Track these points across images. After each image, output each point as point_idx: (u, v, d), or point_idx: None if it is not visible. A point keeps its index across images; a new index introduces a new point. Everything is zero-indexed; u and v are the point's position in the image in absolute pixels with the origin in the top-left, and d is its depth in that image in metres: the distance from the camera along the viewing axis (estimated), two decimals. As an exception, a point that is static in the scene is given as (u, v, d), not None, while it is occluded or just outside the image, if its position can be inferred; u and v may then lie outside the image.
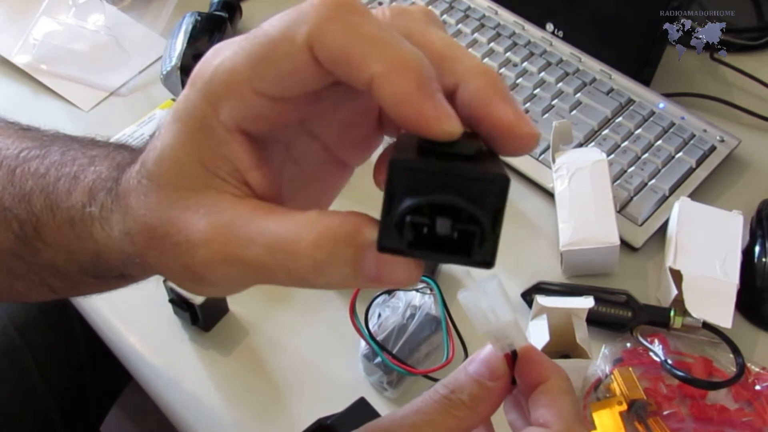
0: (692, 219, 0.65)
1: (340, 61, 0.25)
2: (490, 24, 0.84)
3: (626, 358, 0.59)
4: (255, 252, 0.26)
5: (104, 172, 0.34)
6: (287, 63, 0.26)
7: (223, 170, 0.28)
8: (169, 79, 0.76)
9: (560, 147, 0.70)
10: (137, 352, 0.61)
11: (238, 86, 0.27)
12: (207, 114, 0.28)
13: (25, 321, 0.73)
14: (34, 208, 0.37)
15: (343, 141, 0.33)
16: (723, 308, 0.59)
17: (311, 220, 0.26)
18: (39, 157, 0.38)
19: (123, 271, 0.35)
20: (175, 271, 0.29)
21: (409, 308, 0.57)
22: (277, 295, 0.64)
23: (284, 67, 0.26)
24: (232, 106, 0.27)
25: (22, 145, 0.40)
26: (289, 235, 0.26)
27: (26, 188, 0.37)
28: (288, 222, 0.26)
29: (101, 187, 0.34)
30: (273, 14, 0.27)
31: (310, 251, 0.25)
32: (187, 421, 0.57)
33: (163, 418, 0.59)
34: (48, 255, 0.37)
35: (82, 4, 0.86)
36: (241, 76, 0.27)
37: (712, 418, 0.57)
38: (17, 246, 0.38)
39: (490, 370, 0.34)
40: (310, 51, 0.25)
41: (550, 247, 0.68)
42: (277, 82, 0.26)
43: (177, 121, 0.29)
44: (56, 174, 0.36)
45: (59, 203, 0.35)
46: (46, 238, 0.36)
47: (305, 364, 0.60)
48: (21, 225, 0.37)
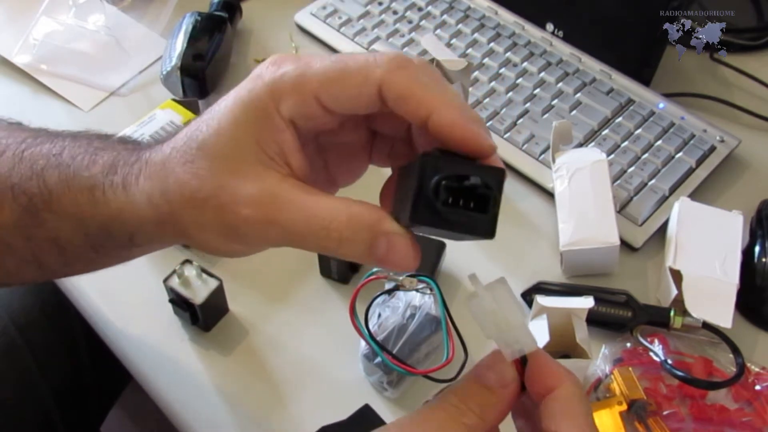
0: (692, 219, 0.65)
1: (403, 99, 0.34)
2: (490, 24, 0.84)
3: (626, 358, 0.59)
4: (295, 219, 0.34)
5: (123, 152, 0.40)
6: (355, 90, 0.34)
7: (272, 151, 0.35)
8: (169, 79, 0.76)
9: (560, 147, 0.70)
10: (137, 352, 0.61)
11: (305, 91, 0.34)
12: (269, 105, 0.35)
13: (26, 321, 0.73)
14: (47, 182, 0.41)
15: (340, 162, 0.40)
16: (723, 308, 0.59)
17: (345, 205, 0.34)
18: (49, 142, 0.43)
19: (134, 237, 0.39)
20: (211, 228, 0.36)
21: (409, 308, 0.57)
22: (277, 295, 0.64)
23: (352, 92, 0.34)
24: (293, 103, 0.34)
25: (23, 135, 0.44)
26: (326, 212, 0.34)
27: (38, 167, 0.42)
28: (326, 202, 0.34)
29: (123, 163, 0.39)
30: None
31: (341, 228, 0.33)
32: (187, 421, 0.57)
33: (163, 418, 0.59)
34: (53, 225, 0.41)
35: (82, 4, 0.86)
36: (311, 84, 0.34)
37: (712, 418, 0.57)
38: (22, 218, 0.42)
39: (499, 377, 0.34)
40: (377, 88, 0.34)
41: (550, 247, 0.68)
42: (340, 100, 0.34)
43: (239, 105, 0.35)
44: (71, 152, 0.41)
45: (77, 174, 0.40)
46: (56, 208, 0.41)
47: (305, 364, 0.60)
48: (30, 198, 0.41)
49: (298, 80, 0.34)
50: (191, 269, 0.60)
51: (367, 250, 0.34)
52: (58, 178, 0.41)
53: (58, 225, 0.41)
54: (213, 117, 0.36)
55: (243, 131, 0.35)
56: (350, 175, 0.41)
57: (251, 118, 0.35)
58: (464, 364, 0.51)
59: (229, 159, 0.35)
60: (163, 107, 0.75)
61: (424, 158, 0.32)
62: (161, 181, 0.37)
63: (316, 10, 0.87)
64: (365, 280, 0.56)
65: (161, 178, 0.37)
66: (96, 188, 0.39)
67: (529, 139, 0.74)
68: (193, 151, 0.36)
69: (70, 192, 0.40)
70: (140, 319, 0.63)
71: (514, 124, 0.76)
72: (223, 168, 0.35)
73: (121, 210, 0.38)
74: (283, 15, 0.87)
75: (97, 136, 0.43)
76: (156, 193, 0.37)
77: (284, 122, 0.35)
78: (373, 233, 0.34)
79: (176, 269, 0.59)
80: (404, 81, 0.34)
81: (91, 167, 0.40)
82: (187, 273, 0.59)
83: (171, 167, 0.36)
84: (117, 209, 0.39)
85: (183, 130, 0.37)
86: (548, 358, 0.34)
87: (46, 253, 0.43)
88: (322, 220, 0.34)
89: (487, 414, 0.34)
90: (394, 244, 0.34)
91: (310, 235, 0.34)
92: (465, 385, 0.35)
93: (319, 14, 0.86)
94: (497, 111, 0.77)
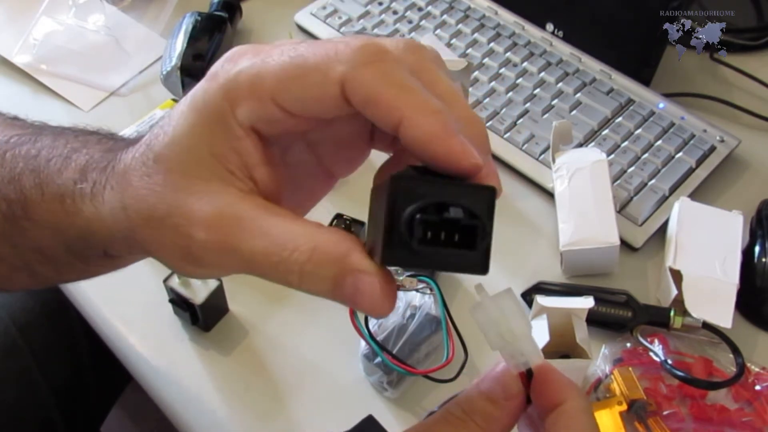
0: (692, 219, 0.65)
1: (370, 104, 0.28)
2: (490, 24, 0.84)
3: (626, 358, 0.59)
4: (253, 248, 0.29)
5: (96, 155, 0.36)
6: (315, 90, 0.29)
7: (232, 163, 0.30)
8: (169, 79, 0.76)
9: (560, 147, 0.70)
10: (137, 352, 0.61)
11: (261, 93, 0.29)
12: (225, 109, 0.30)
13: (26, 322, 0.73)
14: (23, 187, 0.38)
15: (336, 154, 0.35)
16: (723, 308, 0.59)
17: (310, 233, 0.29)
18: (30, 142, 0.39)
19: (107, 249, 0.36)
20: (169, 249, 0.31)
21: (409, 308, 0.57)
22: (277, 295, 0.64)
23: (311, 93, 0.29)
24: (250, 108, 0.30)
25: (12, 132, 0.41)
26: (287, 240, 0.29)
27: (16, 170, 0.38)
28: (289, 227, 0.29)
29: (94, 167, 0.35)
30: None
31: (302, 261, 0.28)
32: (187, 421, 0.57)
33: (163, 418, 0.59)
34: (34, 234, 0.38)
35: (82, 4, 0.86)
36: (267, 85, 0.29)
37: (712, 418, 0.57)
38: (5, 227, 0.39)
39: (503, 389, 0.33)
40: (340, 88, 0.28)
41: (550, 247, 0.68)
42: (299, 102, 0.29)
43: (193, 111, 0.31)
44: (47, 155, 0.38)
45: (50, 181, 0.37)
46: (33, 216, 0.37)
47: (305, 364, 0.60)
48: (9, 204, 0.38)
49: (254, 80, 0.30)
50: (191, 269, 0.60)
51: (331, 288, 0.29)
52: (33, 183, 0.37)
53: (38, 234, 0.38)
54: (169, 123, 0.32)
55: (198, 141, 0.30)
56: (349, 165, 0.37)
57: (206, 127, 0.30)
58: (464, 364, 0.52)
59: (184, 174, 0.31)
60: (163, 107, 0.75)
61: (395, 183, 0.27)
62: (121, 193, 0.33)
63: (316, 10, 0.87)
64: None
65: (121, 190, 0.33)
66: (66, 196, 0.36)
67: (529, 139, 0.74)
68: (150, 162, 0.32)
69: (44, 199, 0.37)
70: (140, 319, 0.63)
71: (514, 124, 0.76)
72: (179, 184, 0.31)
73: (89, 221, 0.35)
74: (283, 15, 0.87)
75: (76, 134, 0.39)
76: (117, 206, 0.33)
77: (243, 130, 0.30)
78: (339, 269, 0.28)
79: (176, 269, 0.59)
80: (370, 80, 0.28)
81: (63, 172, 0.36)
82: (187, 273, 0.59)
83: (129, 179, 0.32)
84: (86, 220, 0.35)
85: (146, 134, 0.33)
86: (554, 371, 0.34)
87: (34, 262, 0.40)
88: (282, 249, 0.28)
89: (492, 427, 0.33)
90: (361, 284, 0.28)
91: (268, 266, 0.29)
92: (469, 397, 0.34)
93: (319, 14, 0.86)
94: (497, 111, 0.77)
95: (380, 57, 0.29)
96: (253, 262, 0.29)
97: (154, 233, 0.31)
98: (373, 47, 0.29)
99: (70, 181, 0.36)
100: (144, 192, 0.31)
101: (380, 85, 0.28)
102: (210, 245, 0.30)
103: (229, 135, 0.30)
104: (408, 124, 0.28)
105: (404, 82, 0.28)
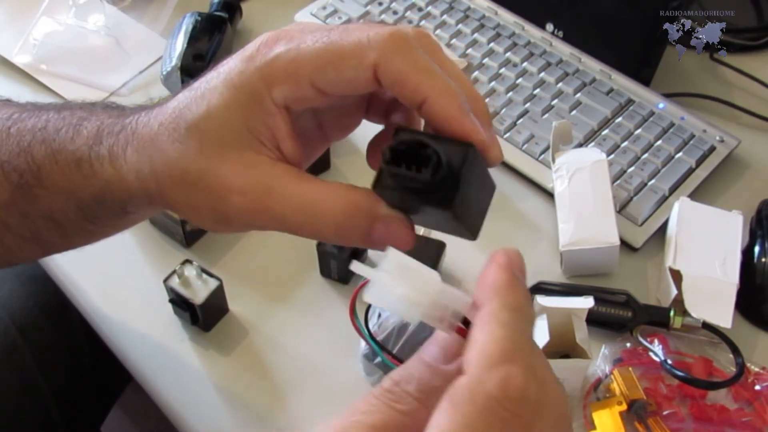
0: (692, 219, 0.65)
1: (399, 84, 0.33)
2: (490, 24, 0.84)
3: (626, 358, 0.59)
4: (287, 209, 0.34)
5: (107, 120, 0.39)
6: (351, 73, 0.33)
7: (264, 136, 0.35)
8: (169, 79, 0.76)
9: (560, 147, 0.70)
10: (137, 352, 0.61)
11: (298, 76, 0.33)
12: (261, 89, 0.34)
13: (26, 321, 0.73)
14: (35, 157, 0.40)
15: (335, 122, 0.40)
16: (723, 308, 0.59)
17: (340, 192, 0.34)
18: (35, 116, 0.42)
19: (126, 206, 0.39)
20: (202, 211, 0.36)
21: (409, 308, 0.57)
22: (277, 295, 0.64)
23: (346, 76, 0.33)
24: (286, 89, 0.34)
25: (11, 110, 0.43)
26: (321, 201, 0.34)
27: (24, 142, 0.41)
28: (322, 188, 0.34)
29: (108, 132, 0.39)
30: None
31: (337, 216, 0.33)
32: (187, 421, 0.57)
33: (163, 418, 0.59)
34: (47, 201, 0.41)
35: (82, 5, 0.86)
36: (304, 69, 0.33)
37: (712, 418, 0.57)
38: (15, 196, 0.41)
39: (443, 351, 0.30)
40: (373, 71, 0.33)
41: (550, 247, 0.68)
42: (335, 83, 0.34)
43: (230, 88, 0.34)
44: (56, 126, 0.40)
45: (62, 149, 0.40)
46: (47, 183, 0.40)
47: (305, 364, 0.60)
48: (21, 174, 0.41)
49: (291, 65, 0.33)
50: (191, 269, 0.60)
51: (364, 235, 0.34)
52: (45, 152, 0.40)
53: (51, 200, 0.40)
54: (203, 96, 0.35)
55: (234, 115, 0.34)
56: (344, 131, 0.41)
57: (243, 103, 0.34)
58: (464, 364, 0.52)
59: (220, 143, 0.34)
60: (163, 107, 0.75)
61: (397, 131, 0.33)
62: (150, 158, 0.36)
63: (316, 10, 0.87)
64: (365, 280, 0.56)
65: (149, 155, 0.36)
66: (83, 161, 0.39)
67: (529, 139, 0.74)
68: (182, 130, 0.35)
69: (58, 166, 0.39)
70: (140, 319, 0.63)
71: (514, 124, 0.76)
72: (214, 152, 0.34)
73: (108, 182, 0.38)
74: (283, 15, 0.87)
75: (80, 106, 0.42)
76: (145, 169, 0.36)
77: (276, 108, 0.34)
78: (370, 219, 0.33)
79: (176, 269, 0.59)
80: (399, 66, 0.33)
81: (76, 139, 0.39)
82: (187, 273, 0.59)
83: (159, 145, 0.36)
84: (105, 181, 0.38)
85: (170, 104, 0.36)
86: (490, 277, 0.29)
87: (43, 229, 0.42)
88: (319, 208, 0.33)
89: (431, 397, 0.27)
90: (391, 227, 0.34)
91: (305, 224, 0.34)
92: (406, 364, 0.30)
93: (319, 14, 0.86)
94: (497, 111, 0.77)
95: (408, 44, 0.33)
96: (286, 220, 0.34)
97: (185, 196, 0.35)
98: (400, 35, 0.33)
99: (84, 146, 0.39)
100: (176, 156, 0.35)
101: (409, 70, 0.33)
102: (245, 207, 0.34)
103: (264, 112, 0.34)
104: (431, 103, 0.33)
105: (428, 67, 0.33)
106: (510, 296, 0.29)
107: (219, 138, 0.34)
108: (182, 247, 0.67)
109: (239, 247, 0.68)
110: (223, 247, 0.67)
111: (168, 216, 0.64)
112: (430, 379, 0.29)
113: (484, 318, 0.28)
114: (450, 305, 0.28)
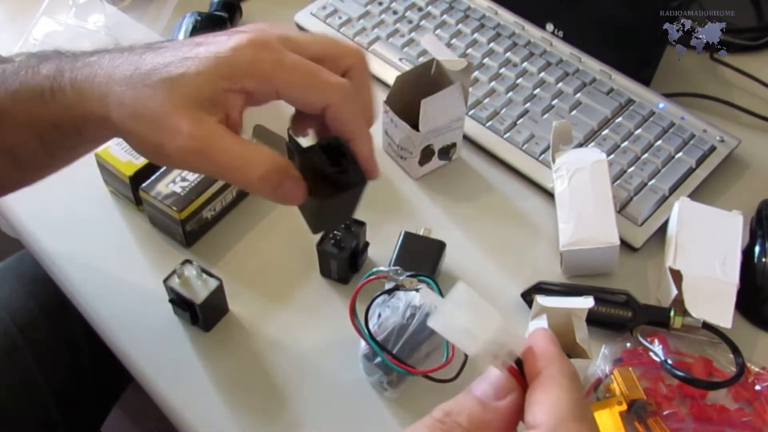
0: (692, 219, 0.65)
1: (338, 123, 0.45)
2: (490, 24, 0.84)
3: (626, 358, 0.59)
4: (225, 156, 0.42)
5: (64, 59, 0.46)
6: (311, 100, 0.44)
7: (219, 104, 0.43)
8: (169, 80, 0.76)
9: (560, 147, 0.70)
10: (137, 352, 0.61)
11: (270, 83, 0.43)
12: (240, 76, 0.42)
13: (26, 322, 0.73)
14: None
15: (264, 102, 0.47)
16: (723, 308, 0.59)
17: (267, 152, 0.43)
18: None
19: (82, 129, 0.46)
20: (147, 142, 0.43)
21: (409, 308, 0.57)
22: (277, 295, 0.64)
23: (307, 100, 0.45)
24: (258, 86, 0.43)
25: None
26: (252, 155, 0.43)
27: None
28: (253, 147, 0.43)
29: (67, 67, 0.45)
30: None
31: (264, 166, 0.43)
32: (187, 421, 0.57)
33: (163, 418, 0.59)
34: (8, 136, 0.47)
35: (82, 5, 0.86)
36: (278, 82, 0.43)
37: (712, 418, 0.57)
38: None
39: (494, 388, 0.31)
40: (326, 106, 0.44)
41: (550, 247, 0.68)
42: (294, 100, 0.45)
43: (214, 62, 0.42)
44: (14, 69, 0.47)
45: (23, 87, 0.46)
46: (6, 120, 0.46)
47: (305, 364, 0.60)
48: None
49: (270, 73, 0.43)
50: (191, 269, 0.60)
51: (276, 186, 0.43)
52: (5, 92, 0.46)
53: (13, 134, 0.47)
54: (186, 58, 0.43)
55: (205, 83, 0.42)
56: None
57: (217, 77, 0.42)
58: (464, 364, 0.51)
59: (184, 99, 0.42)
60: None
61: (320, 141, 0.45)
62: (120, 91, 0.43)
63: (316, 10, 0.87)
64: (365, 280, 0.56)
65: (121, 89, 0.43)
66: (45, 92, 0.45)
67: (529, 139, 0.74)
68: (156, 79, 0.42)
69: (19, 102, 0.46)
70: (140, 320, 0.63)
71: (514, 124, 0.76)
72: (179, 103, 0.42)
73: (68, 107, 0.44)
74: (283, 15, 0.87)
75: (34, 55, 0.48)
76: (112, 97, 0.43)
77: (242, 91, 0.43)
78: (283, 175, 0.43)
79: (176, 269, 0.59)
80: (345, 114, 0.44)
81: (36, 77, 0.46)
82: (187, 273, 0.59)
83: (133, 84, 0.43)
84: (65, 106, 0.44)
85: (149, 56, 0.44)
86: (540, 346, 0.31)
87: (1, 167, 0.49)
88: (250, 160, 0.42)
89: (480, 430, 0.30)
90: (294, 185, 0.43)
91: (236, 169, 0.42)
92: (457, 397, 0.31)
93: (319, 14, 0.86)
94: (497, 111, 0.77)
95: (355, 99, 0.45)
96: (220, 167, 0.42)
97: (139, 127, 0.42)
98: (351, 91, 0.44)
99: (45, 80, 0.45)
100: (146, 96, 0.42)
101: (350, 119, 0.44)
102: (188, 148, 0.42)
103: (230, 88, 0.42)
104: (356, 142, 0.45)
105: (360, 118, 0.45)
106: (564, 363, 0.30)
107: (185, 95, 0.42)
108: (182, 247, 0.67)
109: (239, 247, 0.68)
110: (223, 247, 0.67)
111: (168, 216, 0.65)
112: (480, 413, 0.30)
113: (547, 382, 0.30)
114: (507, 344, 0.29)
